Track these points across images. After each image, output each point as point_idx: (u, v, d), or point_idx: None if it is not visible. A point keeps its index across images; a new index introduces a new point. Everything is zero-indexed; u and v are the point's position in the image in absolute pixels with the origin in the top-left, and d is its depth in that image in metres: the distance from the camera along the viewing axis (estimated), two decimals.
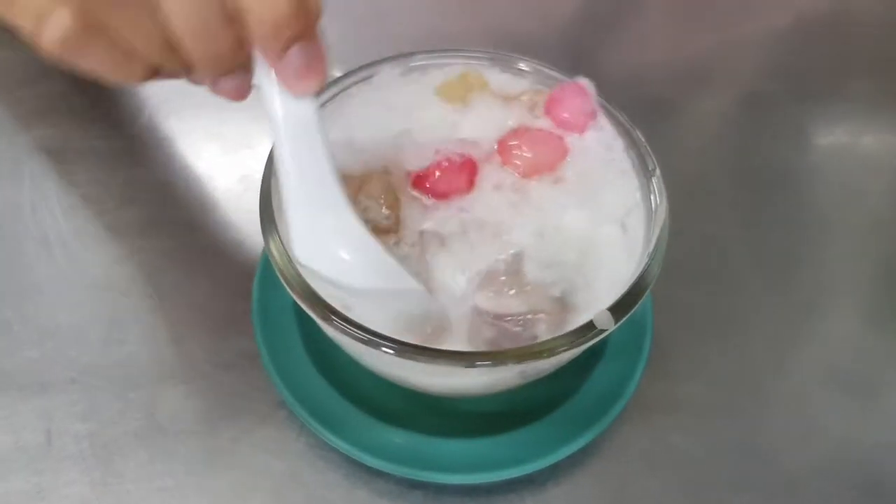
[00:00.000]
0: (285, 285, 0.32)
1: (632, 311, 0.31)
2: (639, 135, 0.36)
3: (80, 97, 0.53)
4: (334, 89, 0.38)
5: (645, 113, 0.54)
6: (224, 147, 0.51)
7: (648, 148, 0.36)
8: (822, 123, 0.57)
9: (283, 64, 0.27)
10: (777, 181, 0.52)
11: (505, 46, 0.40)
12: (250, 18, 0.24)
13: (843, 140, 0.56)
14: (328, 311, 0.31)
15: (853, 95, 0.59)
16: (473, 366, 0.29)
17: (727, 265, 0.48)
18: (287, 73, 0.27)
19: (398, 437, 0.37)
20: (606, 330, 0.30)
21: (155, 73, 0.27)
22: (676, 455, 0.39)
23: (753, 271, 0.47)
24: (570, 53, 0.61)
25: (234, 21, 0.25)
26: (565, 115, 0.37)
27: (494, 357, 0.29)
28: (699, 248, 0.48)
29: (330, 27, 0.59)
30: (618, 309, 0.30)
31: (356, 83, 0.39)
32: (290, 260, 0.32)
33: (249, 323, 0.40)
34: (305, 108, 0.29)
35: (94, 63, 0.25)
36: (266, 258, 0.41)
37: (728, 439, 0.40)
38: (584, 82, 0.37)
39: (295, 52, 0.26)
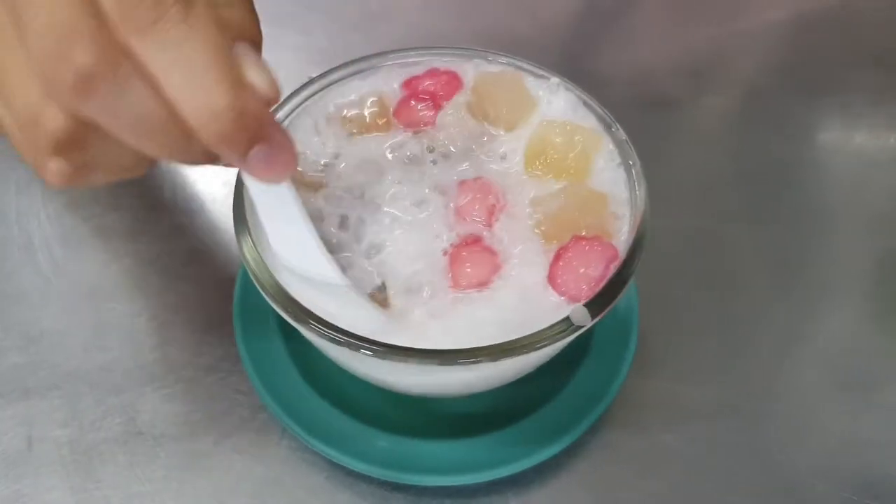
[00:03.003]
0: (259, 287, 0.31)
1: (610, 307, 0.30)
2: (619, 131, 0.35)
3: None
4: None
5: (644, 109, 0.54)
6: None
7: (630, 143, 0.35)
8: (825, 118, 0.56)
9: (246, 165, 0.27)
10: (778, 177, 0.52)
11: (501, 46, 0.40)
12: (200, 137, 0.25)
13: (846, 135, 0.55)
14: (302, 313, 0.30)
15: (856, 90, 0.58)
16: (449, 363, 0.29)
17: (724, 261, 0.47)
18: (252, 170, 0.27)
19: (380, 440, 0.37)
20: (583, 326, 0.29)
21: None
22: (665, 455, 0.39)
23: (751, 268, 0.47)
24: (568, 50, 0.60)
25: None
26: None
27: (469, 355, 0.29)
28: (696, 244, 0.47)
29: (321, 29, 0.59)
30: (595, 304, 0.30)
31: None
32: (263, 263, 0.32)
33: (231, 327, 0.40)
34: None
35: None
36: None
37: (720, 439, 0.39)
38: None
39: (255, 154, 0.26)
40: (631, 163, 0.34)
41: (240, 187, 0.33)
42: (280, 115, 0.36)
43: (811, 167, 0.53)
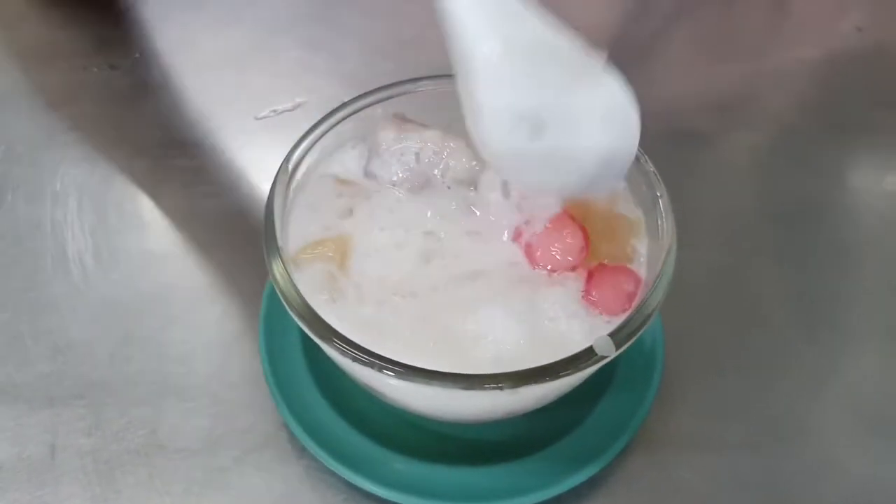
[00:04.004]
0: (286, 307, 0.32)
1: (635, 338, 0.30)
2: (647, 162, 0.36)
3: (102, 120, 0.54)
4: None
5: (672, 143, 0.54)
6: (240, 170, 0.52)
7: (657, 175, 0.35)
8: (853, 157, 0.56)
9: None
10: (805, 215, 0.52)
11: None
12: None
13: (874, 175, 0.55)
14: (328, 332, 0.31)
15: (885, 130, 0.58)
16: (471, 388, 0.29)
17: (750, 299, 0.47)
18: None
19: (399, 463, 0.37)
20: (607, 357, 0.29)
21: None
22: (684, 491, 0.38)
23: (777, 306, 0.46)
24: None
25: None
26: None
27: (492, 380, 0.29)
28: (722, 279, 0.47)
29: (354, 55, 0.61)
30: (620, 335, 0.30)
31: None
32: (290, 281, 0.32)
33: (256, 344, 0.40)
34: None
35: None
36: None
37: (741, 477, 0.39)
38: None
39: None
40: (658, 194, 0.34)
41: (270, 204, 0.34)
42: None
43: (839, 206, 0.53)
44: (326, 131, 0.37)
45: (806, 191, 0.53)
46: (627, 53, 0.63)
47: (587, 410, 0.38)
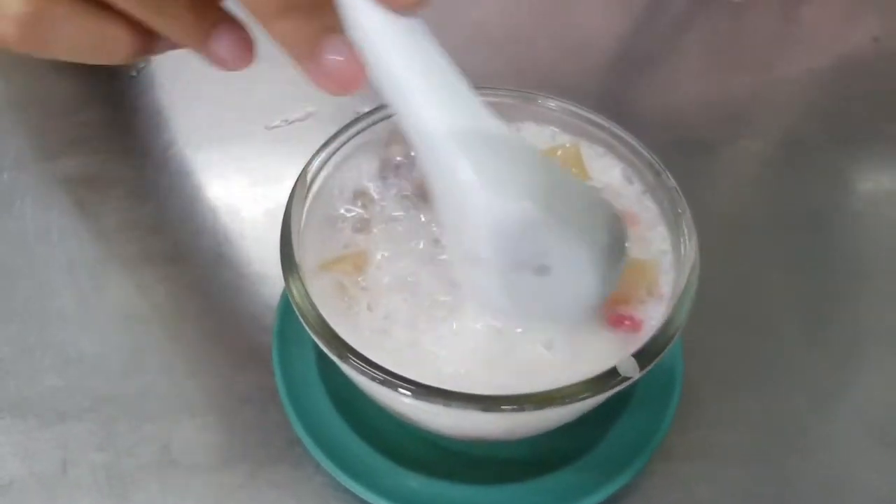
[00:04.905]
0: (304, 323, 0.31)
1: (658, 358, 0.30)
2: (669, 178, 0.35)
3: (112, 128, 0.54)
4: None
5: (681, 154, 0.54)
6: (251, 181, 0.51)
7: (679, 191, 0.35)
8: (863, 167, 0.56)
9: None
10: (816, 225, 0.51)
11: (543, 87, 0.40)
12: None
13: (885, 185, 0.55)
14: (345, 350, 0.30)
15: (895, 139, 0.58)
16: (490, 410, 0.29)
17: (762, 310, 0.46)
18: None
19: (413, 481, 0.36)
20: (631, 378, 0.29)
21: (144, 42, 0.25)
22: None
23: (790, 317, 0.46)
24: (606, 94, 0.61)
25: None
26: None
27: (512, 402, 0.29)
28: (734, 292, 0.47)
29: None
30: (644, 355, 0.29)
31: None
32: (308, 298, 0.32)
33: (269, 358, 0.40)
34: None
35: (66, 47, 0.24)
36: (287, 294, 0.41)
37: (759, 492, 0.39)
38: None
39: None
40: (680, 211, 0.34)
41: (287, 219, 0.34)
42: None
43: (851, 216, 0.52)
44: (343, 143, 0.37)
45: (818, 201, 0.53)
46: (637, 61, 0.63)
47: (606, 428, 0.37)
